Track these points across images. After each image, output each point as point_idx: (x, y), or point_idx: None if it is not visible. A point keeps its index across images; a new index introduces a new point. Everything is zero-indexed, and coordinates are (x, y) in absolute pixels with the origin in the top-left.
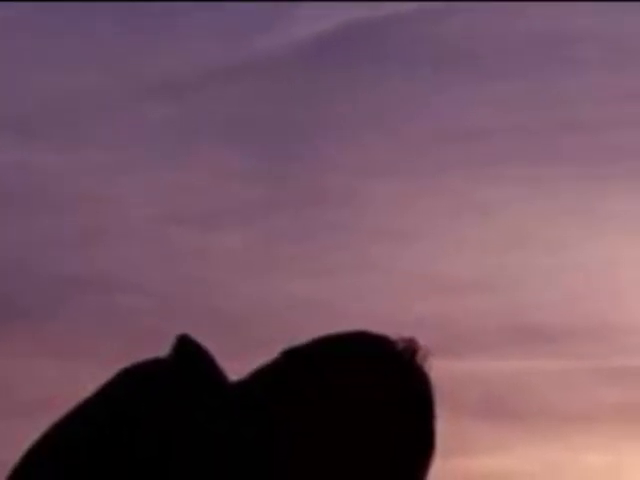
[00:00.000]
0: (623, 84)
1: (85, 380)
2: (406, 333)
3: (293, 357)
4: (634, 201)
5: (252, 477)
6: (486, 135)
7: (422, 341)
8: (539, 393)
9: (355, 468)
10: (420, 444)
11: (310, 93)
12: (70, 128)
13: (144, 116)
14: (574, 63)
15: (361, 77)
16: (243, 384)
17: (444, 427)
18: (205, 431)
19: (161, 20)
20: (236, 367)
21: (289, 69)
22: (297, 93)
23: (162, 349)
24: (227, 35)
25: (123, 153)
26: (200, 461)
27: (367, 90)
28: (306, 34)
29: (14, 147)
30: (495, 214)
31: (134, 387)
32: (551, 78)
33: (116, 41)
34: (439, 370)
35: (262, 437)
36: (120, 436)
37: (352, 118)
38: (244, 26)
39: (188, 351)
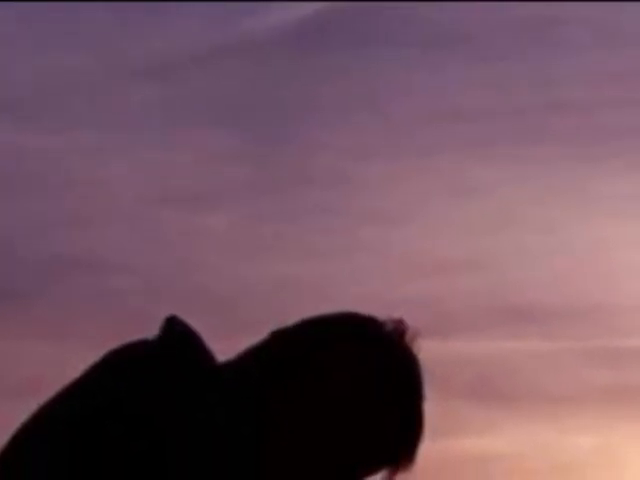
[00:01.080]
0: (613, 65)
1: (74, 361)
2: (395, 314)
3: (282, 338)
4: (624, 182)
5: (243, 457)
6: (476, 116)
7: (411, 322)
8: (528, 374)
9: (344, 448)
10: (409, 425)
11: (297, 75)
12: (57, 111)
13: (131, 98)
14: (564, 44)
15: (350, 58)
16: (231, 365)
17: (433, 408)
18: (193, 413)
19: (147, 3)
20: (224, 348)
21: (276, 51)
22: (284, 74)
23: (150, 330)
24: (213, 17)
25: (110, 135)
26: (188, 443)
27: (356, 71)
28: (293, 16)
29: (1, 130)
30: (485, 195)
31: (123, 369)
32: (541, 59)
33: (102, 24)
34: (428, 351)
35: (252, 418)
36: (108, 418)
37: (340, 99)
38: (230, 9)
39: (177, 332)
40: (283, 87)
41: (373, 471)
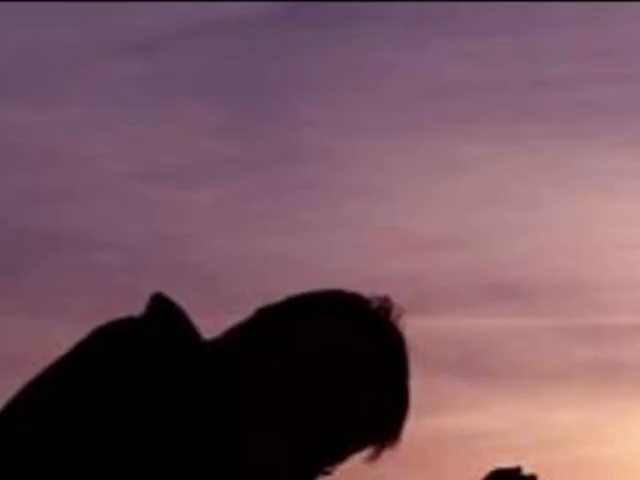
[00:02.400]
0: (599, 41)
1: (59, 338)
2: (380, 290)
3: (268, 316)
4: (608, 158)
5: (228, 436)
6: (461, 92)
7: (395, 299)
8: (512, 351)
9: (329, 425)
10: (394, 402)
11: (283, 50)
12: (41, 85)
13: (116, 73)
14: (549, 20)
15: (335, 34)
16: (217, 342)
17: (417, 385)
18: (178, 390)
19: None
20: (210, 325)
21: (263, 26)
22: (270, 50)
23: (135, 306)
24: None
25: (95, 110)
26: (175, 420)
27: (341, 47)
28: None
29: None
30: (469, 171)
31: (108, 346)
32: (527, 35)
33: None
34: (413, 328)
35: (235, 395)
36: (95, 395)
37: (326, 75)
38: None
39: (162, 309)
40: (269, 63)
41: (358, 448)
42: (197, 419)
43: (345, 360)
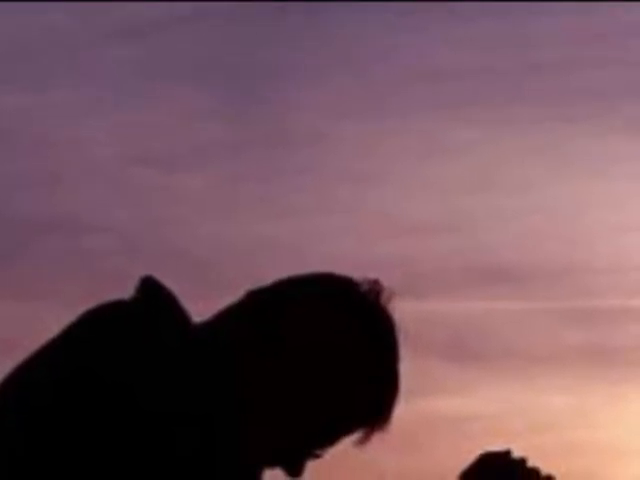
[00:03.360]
0: (592, 25)
1: (49, 322)
2: (371, 274)
3: (258, 298)
4: (600, 142)
5: (219, 417)
6: (453, 76)
7: (387, 282)
8: (503, 334)
9: (320, 408)
10: (384, 385)
11: (276, 34)
12: (33, 70)
13: (108, 57)
14: (542, 4)
15: (327, 17)
16: (207, 325)
17: (408, 368)
18: (168, 376)
19: None
20: (200, 308)
21: (256, 10)
22: (263, 34)
23: (126, 290)
24: None
25: (87, 94)
26: (165, 403)
27: (334, 31)
28: None
29: None
30: (461, 155)
31: (98, 329)
32: (519, 19)
33: None
34: (403, 311)
35: (227, 379)
36: (84, 378)
37: (318, 59)
38: None
39: (152, 292)
40: (261, 48)
41: (348, 431)
42: (187, 405)
43: (335, 343)
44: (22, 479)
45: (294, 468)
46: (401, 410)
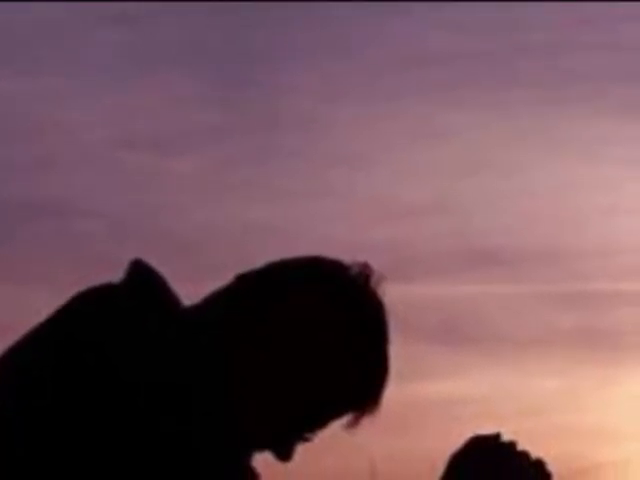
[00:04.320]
0: (582, 9)
1: (39, 305)
2: (361, 258)
3: (247, 282)
4: (590, 125)
5: (209, 398)
6: (444, 60)
7: (377, 266)
8: (494, 317)
9: (310, 392)
10: (374, 369)
11: (266, 18)
12: (22, 54)
13: (98, 42)
14: None
15: (319, 2)
16: (196, 308)
17: (398, 351)
18: (159, 355)
19: None
20: (190, 292)
21: None
22: (252, 17)
23: (116, 274)
24: None
25: (77, 79)
26: (154, 384)
27: (324, 14)
28: None
29: None
30: (453, 138)
31: (88, 312)
32: (510, 3)
33: None
34: (393, 295)
35: (216, 361)
36: (74, 361)
37: (309, 43)
38: None
39: (141, 275)
40: (251, 30)
41: (338, 415)
42: (174, 386)
43: (325, 327)
44: (10, 453)
45: (284, 452)
46: (391, 393)
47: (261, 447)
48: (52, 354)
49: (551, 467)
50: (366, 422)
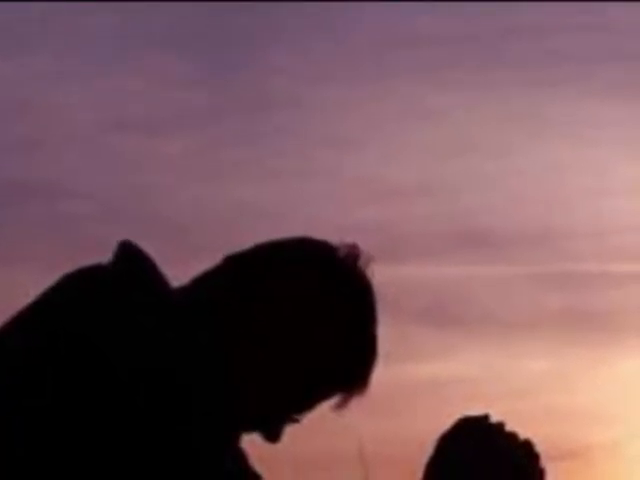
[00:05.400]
0: None
1: (28, 286)
2: (349, 239)
3: (236, 262)
4: (579, 106)
5: (203, 381)
6: (431, 41)
7: (365, 246)
8: (482, 299)
9: (298, 373)
10: (362, 350)
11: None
12: (11, 36)
13: (85, 23)
14: None
15: None
16: (185, 290)
17: (386, 333)
18: (148, 337)
19: None
20: (178, 273)
21: None
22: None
23: (105, 255)
24: None
25: (65, 61)
26: (143, 367)
27: None
28: None
29: None
30: (440, 119)
31: (76, 293)
32: None
33: None
34: (382, 276)
35: (205, 341)
36: (62, 342)
37: (297, 23)
38: None
39: (130, 257)
40: (238, 12)
41: (327, 396)
42: (167, 372)
43: (313, 308)
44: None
45: (272, 433)
46: (379, 374)
47: (250, 428)
48: (41, 339)
49: (540, 448)
50: (354, 403)
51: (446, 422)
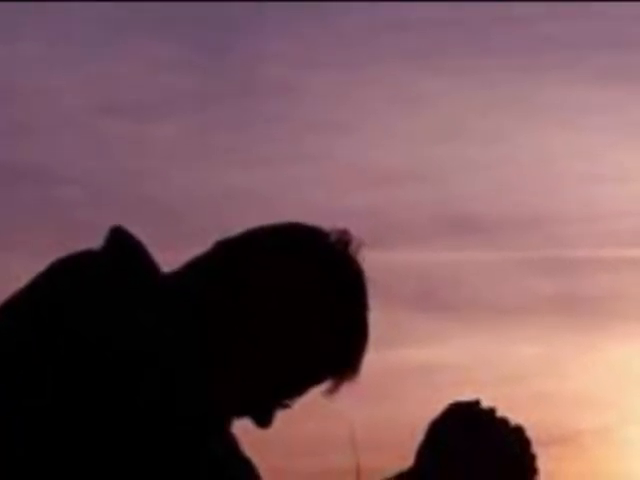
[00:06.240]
0: None
1: (18, 272)
2: (340, 224)
3: (226, 248)
4: (568, 92)
5: (189, 367)
6: (421, 26)
7: (355, 232)
8: (473, 284)
9: (288, 358)
10: (353, 335)
11: None
12: (2, 20)
13: (77, 8)
14: None
15: None
16: (175, 275)
17: (377, 318)
18: (136, 324)
19: None
20: (170, 258)
21: None
22: None
23: (95, 240)
24: None
25: (56, 45)
26: (133, 353)
27: None
28: None
29: None
30: (430, 105)
31: (67, 279)
32: None
33: None
34: (372, 261)
35: (195, 328)
36: (53, 327)
37: (287, 8)
38: None
39: (121, 242)
40: None
41: (317, 381)
42: (153, 354)
43: (303, 294)
44: None
45: (263, 418)
46: (370, 360)
47: (241, 413)
48: (32, 325)
49: (530, 433)
50: (345, 388)
51: (437, 407)
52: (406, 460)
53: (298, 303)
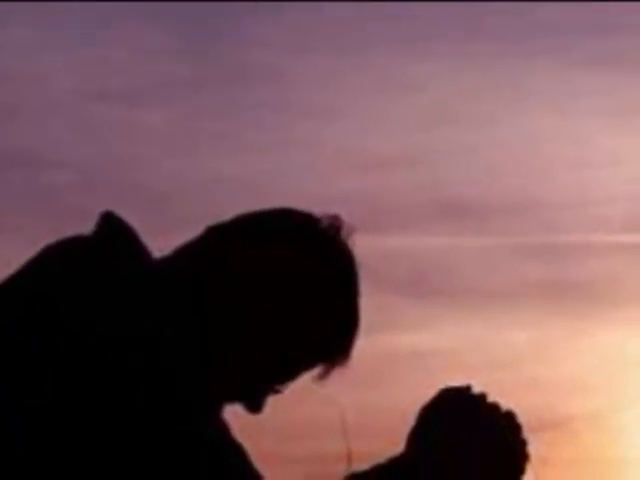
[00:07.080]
0: None
1: (9, 257)
2: (331, 210)
3: (218, 233)
4: (558, 77)
5: (182, 356)
6: (412, 11)
7: (346, 218)
8: (463, 270)
9: (280, 343)
10: (345, 320)
11: None
12: None
13: None
14: None
15: None
16: (167, 260)
17: (368, 303)
18: (127, 309)
19: None
20: (160, 244)
21: None
22: None
23: (86, 226)
24: None
25: (45, 30)
26: (124, 341)
27: None
28: None
29: None
30: (420, 90)
31: (58, 264)
32: None
33: None
34: (363, 247)
35: (186, 312)
36: (43, 312)
37: None
38: None
39: (112, 228)
40: None
41: (309, 367)
42: (143, 339)
43: (295, 279)
44: None
45: (254, 404)
46: (361, 345)
47: (232, 399)
48: (23, 310)
49: (521, 419)
50: (336, 374)
51: (428, 393)
52: (397, 445)
53: (289, 288)
